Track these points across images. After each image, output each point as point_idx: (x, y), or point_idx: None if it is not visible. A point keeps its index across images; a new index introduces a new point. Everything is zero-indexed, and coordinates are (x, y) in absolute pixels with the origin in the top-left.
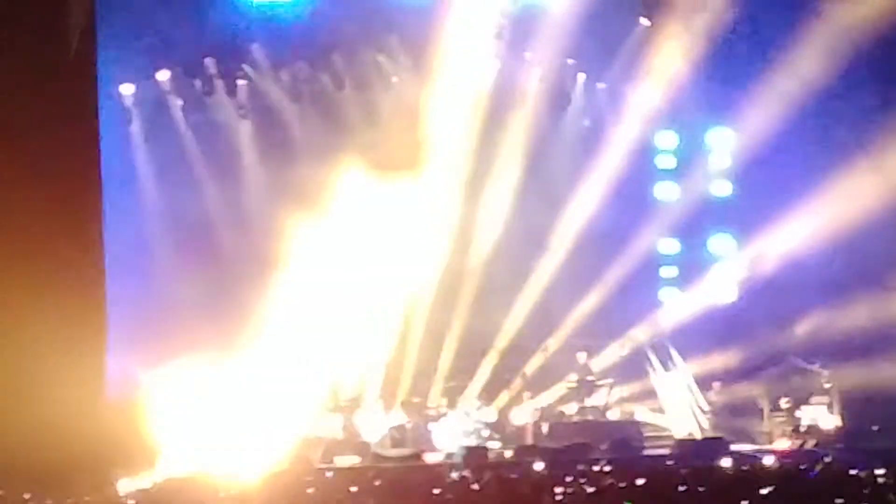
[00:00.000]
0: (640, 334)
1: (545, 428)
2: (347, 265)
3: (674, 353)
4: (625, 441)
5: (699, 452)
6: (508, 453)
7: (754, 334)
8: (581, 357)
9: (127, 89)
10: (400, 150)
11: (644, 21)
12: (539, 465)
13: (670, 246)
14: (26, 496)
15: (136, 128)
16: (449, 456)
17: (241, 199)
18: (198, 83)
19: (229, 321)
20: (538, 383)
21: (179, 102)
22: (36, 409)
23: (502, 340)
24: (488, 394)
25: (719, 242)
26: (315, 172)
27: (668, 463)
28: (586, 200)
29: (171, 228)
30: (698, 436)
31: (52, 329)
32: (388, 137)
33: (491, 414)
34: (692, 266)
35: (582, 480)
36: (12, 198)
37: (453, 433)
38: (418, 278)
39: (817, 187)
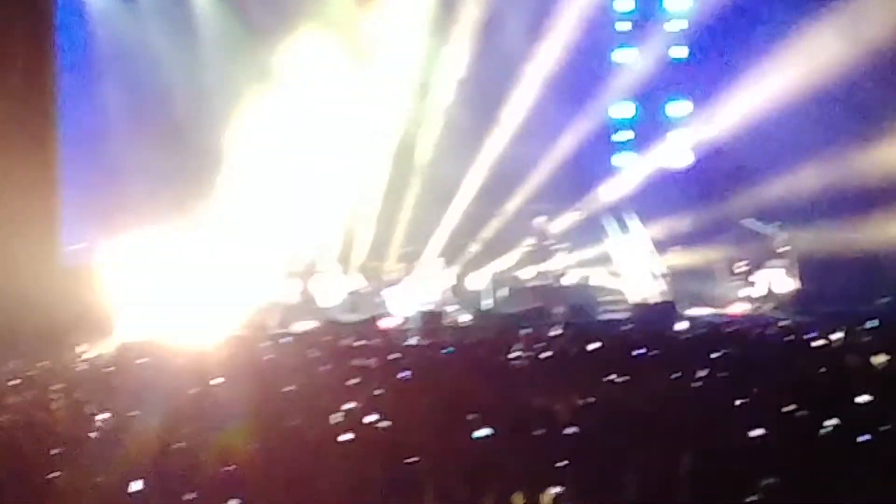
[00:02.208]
0: (596, 198)
1: (502, 292)
2: (304, 131)
3: (630, 217)
4: (581, 305)
5: (655, 316)
6: (465, 318)
7: (711, 198)
8: (538, 221)
9: None
10: (358, 15)
11: None
12: (495, 330)
13: (627, 110)
14: None
15: None
16: (406, 321)
17: (200, 70)
18: None
19: (186, 188)
20: (495, 248)
21: None
22: None
23: (459, 205)
24: (445, 258)
25: (676, 106)
26: (273, 42)
27: (624, 327)
28: (543, 64)
29: (129, 97)
30: (654, 300)
31: (5, 197)
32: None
33: (448, 279)
34: (649, 130)
35: (537, 345)
36: None
37: (410, 298)
38: (374, 143)
39: (776, 49)
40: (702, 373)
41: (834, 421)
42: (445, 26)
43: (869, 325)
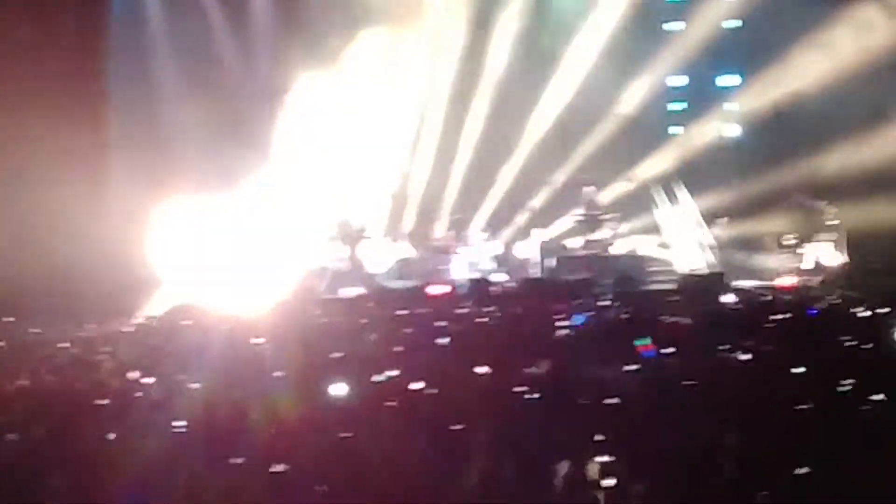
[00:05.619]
0: (647, 169)
1: (550, 261)
2: (354, 97)
3: (680, 188)
4: (629, 275)
5: (703, 287)
6: (513, 286)
7: (760, 170)
8: (588, 191)
9: None
10: None
11: None
12: (543, 299)
13: (679, 80)
14: (34, 329)
15: None
16: (454, 289)
17: (249, 35)
18: None
19: (236, 153)
20: (544, 217)
21: None
22: (41, 241)
23: (509, 173)
24: (494, 226)
25: (728, 78)
26: (322, 13)
27: (672, 297)
28: (597, 33)
29: (178, 63)
30: (702, 271)
31: (57, 160)
32: None
33: (497, 247)
34: (700, 101)
35: (588, 313)
36: (21, 36)
37: (459, 265)
38: (426, 110)
39: (829, 20)
40: (749, 345)
41: (880, 396)
42: None
43: None
